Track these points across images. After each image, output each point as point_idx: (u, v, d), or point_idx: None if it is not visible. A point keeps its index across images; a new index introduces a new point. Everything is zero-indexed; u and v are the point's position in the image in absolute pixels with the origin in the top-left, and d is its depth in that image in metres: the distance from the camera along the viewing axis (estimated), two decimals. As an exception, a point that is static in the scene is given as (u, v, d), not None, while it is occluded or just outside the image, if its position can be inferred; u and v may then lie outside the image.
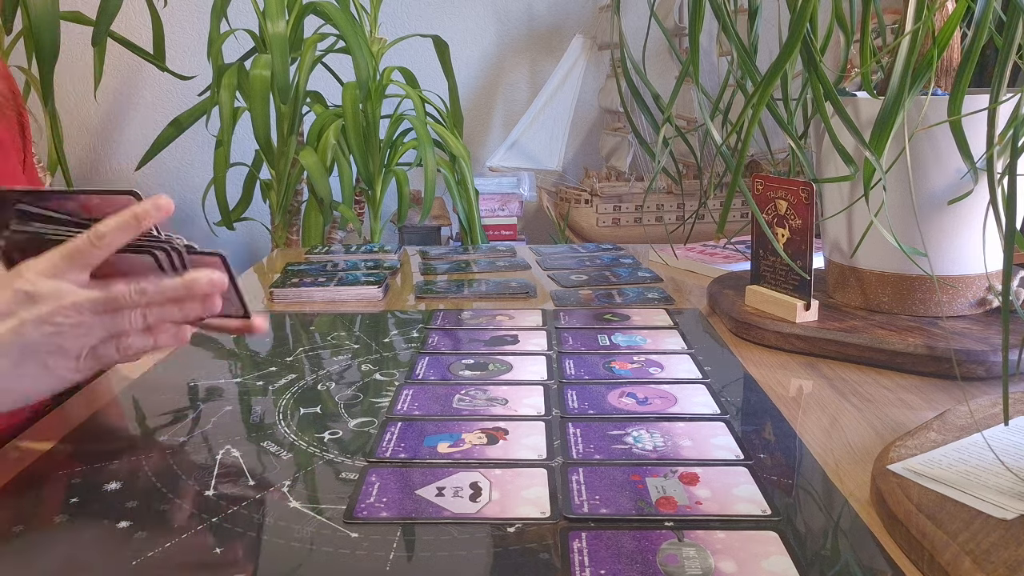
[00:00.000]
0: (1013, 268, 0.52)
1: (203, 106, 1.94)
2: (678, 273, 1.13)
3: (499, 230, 2.28)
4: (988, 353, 0.70)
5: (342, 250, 1.26)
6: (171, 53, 2.15)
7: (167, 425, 0.64)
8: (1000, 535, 0.43)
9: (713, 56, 1.94)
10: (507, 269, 1.16)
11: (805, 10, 0.67)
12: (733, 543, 0.46)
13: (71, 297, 0.55)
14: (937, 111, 0.73)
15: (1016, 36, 0.61)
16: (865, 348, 0.75)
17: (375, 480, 0.54)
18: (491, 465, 0.56)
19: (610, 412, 0.64)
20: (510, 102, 2.48)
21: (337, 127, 1.80)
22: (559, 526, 0.48)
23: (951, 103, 0.69)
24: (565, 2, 2.41)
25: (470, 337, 0.84)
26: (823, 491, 0.53)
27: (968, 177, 0.73)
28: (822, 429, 0.62)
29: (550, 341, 0.82)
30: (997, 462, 0.51)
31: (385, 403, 0.68)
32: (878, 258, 0.81)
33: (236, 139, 1.92)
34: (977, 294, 0.80)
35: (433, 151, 1.81)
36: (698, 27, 0.82)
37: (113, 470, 0.56)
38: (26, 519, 0.50)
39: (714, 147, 0.81)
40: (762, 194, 0.83)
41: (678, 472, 0.54)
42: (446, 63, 2.04)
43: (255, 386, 0.72)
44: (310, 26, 1.96)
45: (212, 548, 0.47)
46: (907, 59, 0.68)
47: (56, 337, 0.55)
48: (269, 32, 1.71)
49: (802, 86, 0.83)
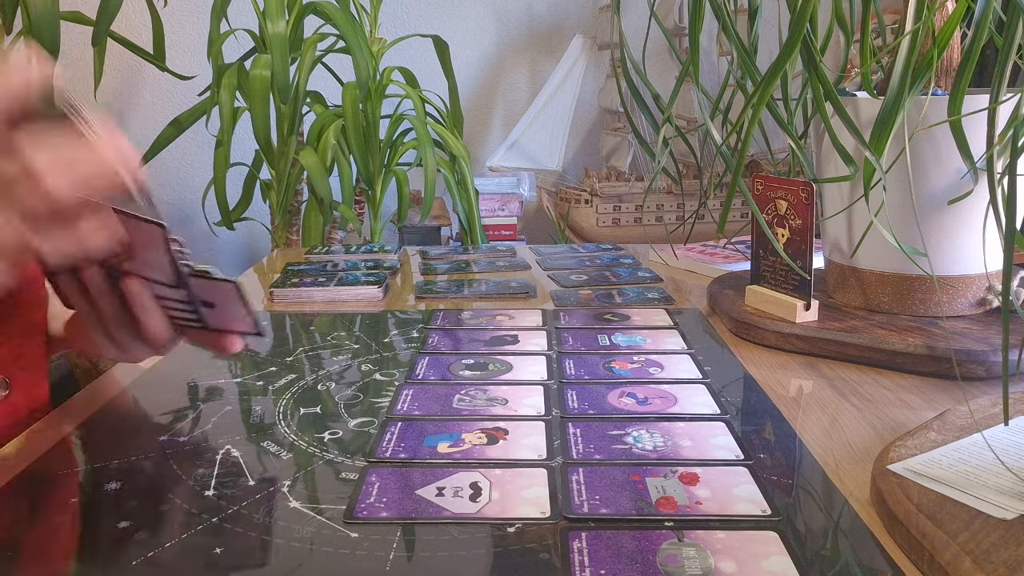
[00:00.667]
0: (1013, 268, 0.52)
1: (203, 106, 1.94)
2: (678, 273, 1.13)
3: (499, 230, 2.28)
4: (988, 353, 0.70)
5: (342, 250, 1.26)
6: (171, 53, 2.15)
7: (167, 425, 0.64)
8: (1000, 535, 0.43)
9: (713, 56, 1.94)
10: (507, 269, 1.16)
11: (805, 10, 0.68)
12: (733, 543, 0.46)
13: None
14: (937, 111, 0.73)
15: (1016, 36, 0.61)
16: (865, 348, 0.75)
17: (375, 480, 0.54)
18: (491, 465, 0.56)
19: (610, 412, 0.64)
20: (510, 102, 2.48)
21: (337, 127, 1.81)
22: (559, 526, 0.48)
23: (951, 103, 0.69)
24: (565, 2, 2.41)
25: (470, 337, 0.84)
26: (823, 491, 0.53)
27: (968, 177, 0.73)
28: (822, 429, 0.62)
29: (550, 341, 0.82)
30: (997, 462, 0.51)
31: (385, 403, 0.68)
32: (878, 258, 0.81)
33: (236, 139, 1.92)
34: (977, 294, 0.80)
35: (433, 151, 1.81)
36: (698, 27, 0.82)
37: (113, 470, 0.56)
38: (26, 519, 0.50)
39: (714, 147, 0.81)
40: (762, 194, 0.83)
41: (678, 472, 0.54)
42: (446, 63, 2.04)
43: (255, 386, 0.72)
44: (310, 26, 1.96)
45: (212, 548, 0.47)
46: (907, 59, 0.68)
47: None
48: (269, 32, 1.71)
49: (802, 86, 0.83)
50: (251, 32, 1.94)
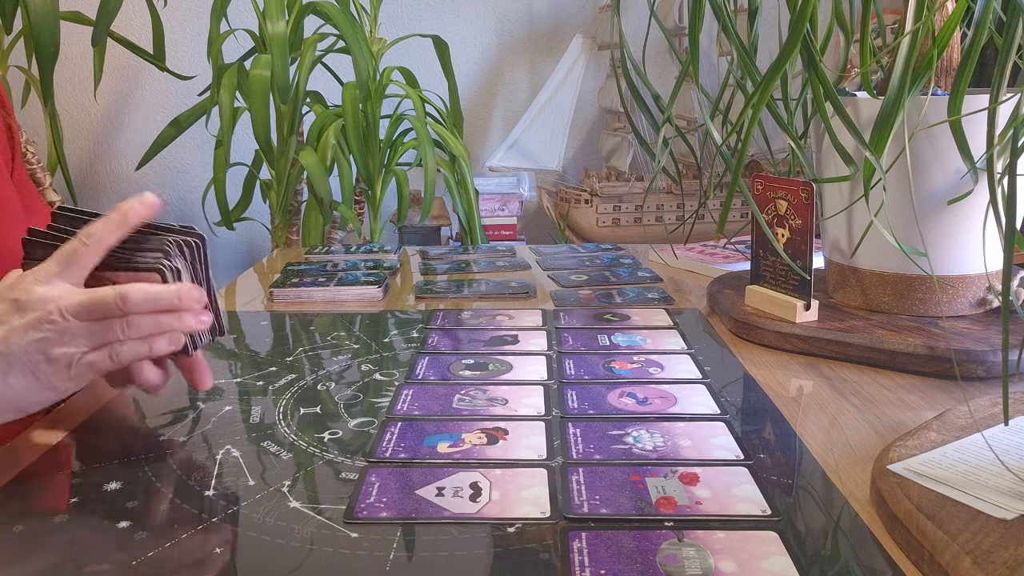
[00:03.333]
0: (1013, 268, 0.52)
1: (203, 106, 1.94)
2: (678, 273, 1.13)
3: (499, 230, 2.28)
4: (988, 353, 0.70)
5: (342, 250, 1.26)
6: (171, 53, 2.14)
7: (167, 425, 0.64)
8: (1000, 535, 0.43)
9: (713, 56, 1.94)
10: (507, 269, 1.16)
11: (805, 10, 0.67)
12: (733, 543, 0.46)
13: (56, 303, 0.54)
14: (937, 111, 0.73)
15: (1016, 36, 0.61)
16: (865, 348, 0.75)
17: (375, 480, 0.54)
18: (491, 465, 0.56)
19: (610, 412, 0.64)
20: (510, 102, 2.48)
21: (337, 127, 1.80)
22: (559, 526, 0.48)
23: (951, 103, 0.69)
24: (565, 2, 2.41)
25: (470, 337, 0.84)
26: (823, 491, 0.53)
27: (968, 177, 0.73)
28: (822, 429, 0.62)
29: (550, 341, 0.82)
30: (997, 462, 0.51)
31: (385, 403, 0.68)
32: (878, 258, 0.81)
33: (236, 139, 1.92)
34: (977, 294, 0.80)
35: (433, 151, 1.81)
36: (698, 27, 0.82)
37: (113, 470, 0.56)
38: (26, 519, 0.50)
39: (714, 147, 0.81)
40: (762, 194, 0.83)
41: (678, 472, 0.54)
42: (446, 63, 2.04)
43: (255, 386, 0.72)
44: (310, 26, 1.96)
45: (212, 548, 0.47)
46: (907, 59, 0.68)
47: (42, 344, 0.54)
48: (269, 32, 1.71)
49: (802, 86, 0.83)
50: (251, 32, 1.94)
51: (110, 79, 2.32)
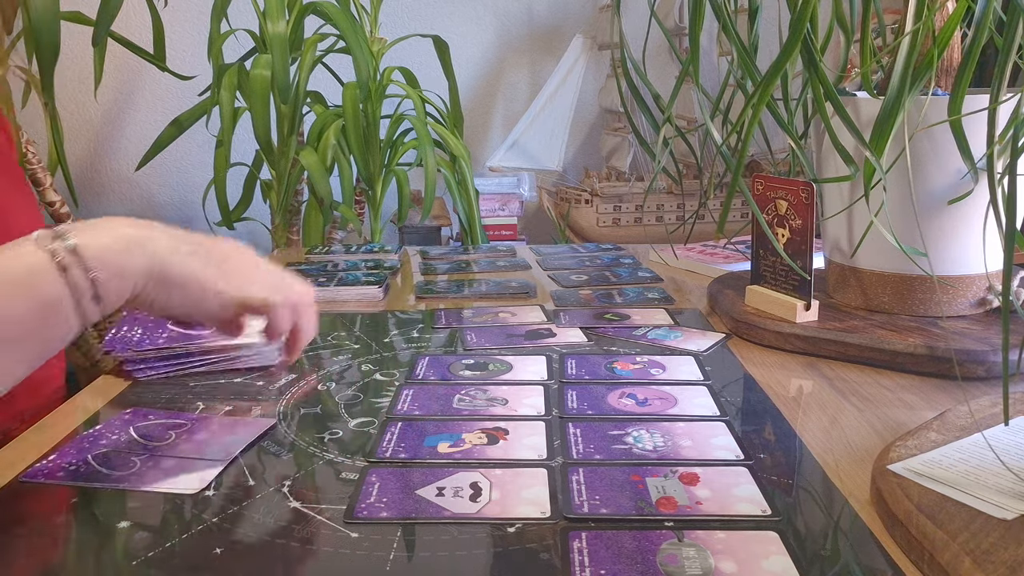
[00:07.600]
0: (1013, 268, 0.52)
1: (203, 106, 1.94)
2: (678, 273, 1.13)
3: (499, 230, 2.28)
4: (988, 353, 0.70)
5: (342, 250, 1.26)
6: (171, 53, 2.14)
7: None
8: (1000, 535, 0.43)
9: (713, 56, 1.94)
10: (507, 269, 1.16)
11: (805, 10, 0.67)
12: (733, 543, 0.46)
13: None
14: (937, 111, 0.73)
15: (1016, 36, 0.61)
16: (865, 348, 0.75)
17: (375, 480, 0.54)
18: (491, 465, 0.56)
19: (610, 413, 0.64)
20: (510, 102, 2.48)
21: (337, 127, 1.80)
22: (559, 526, 0.48)
23: (951, 103, 0.69)
24: (565, 2, 2.41)
25: (507, 333, 0.84)
26: (823, 491, 0.53)
27: (968, 177, 0.73)
28: (822, 429, 0.62)
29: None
30: (997, 462, 0.51)
31: (385, 403, 0.68)
32: (878, 258, 0.81)
33: (236, 139, 1.92)
34: (977, 294, 0.80)
35: (433, 151, 1.81)
36: (698, 27, 0.82)
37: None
38: (26, 519, 0.50)
39: (714, 147, 0.81)
40: (762, 194, 0.83)
41: (678, 472, 0.54)
42: (446, 63, 2.03)
43: (255, 386, 0.72)
44: (310, 26, 1.96)
45: (212, 548, 0.47)
46: (907, 59, 0.68)
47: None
48: (269, 32, 1.71)
49: (802, 86, 0.83)
50: (251, 32, 1.94)
51: (110, 79, 2.32)
